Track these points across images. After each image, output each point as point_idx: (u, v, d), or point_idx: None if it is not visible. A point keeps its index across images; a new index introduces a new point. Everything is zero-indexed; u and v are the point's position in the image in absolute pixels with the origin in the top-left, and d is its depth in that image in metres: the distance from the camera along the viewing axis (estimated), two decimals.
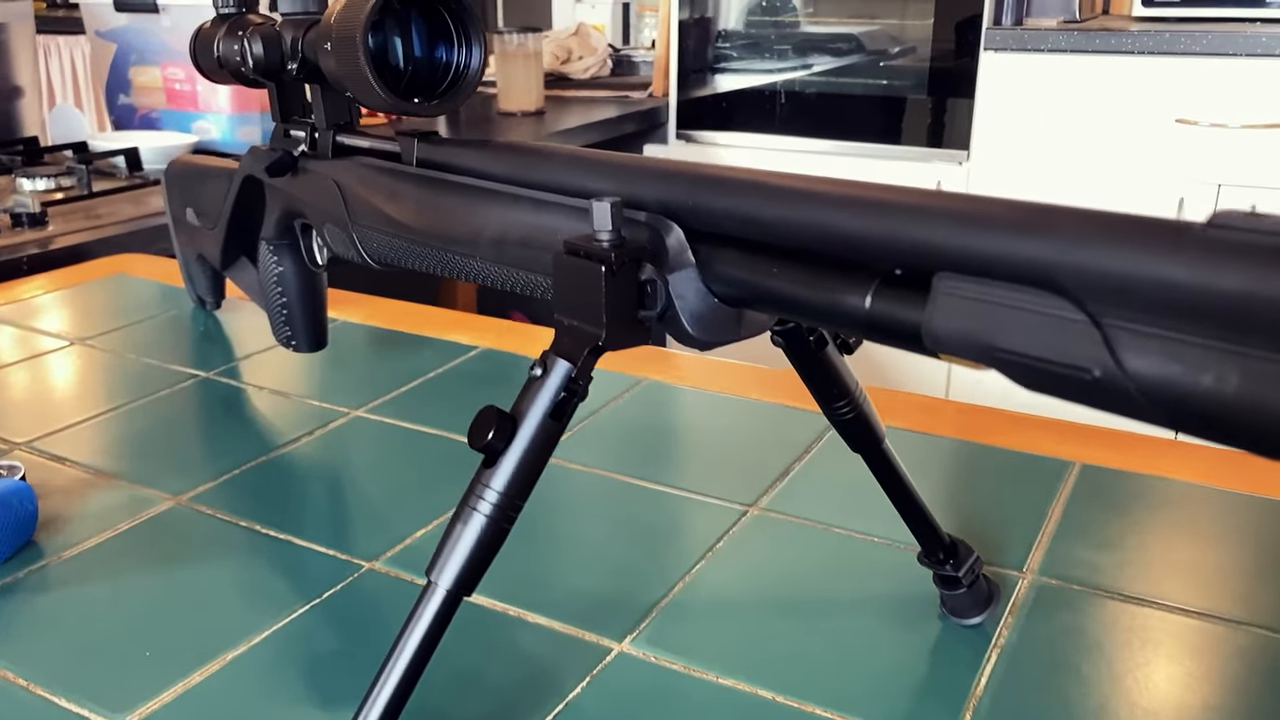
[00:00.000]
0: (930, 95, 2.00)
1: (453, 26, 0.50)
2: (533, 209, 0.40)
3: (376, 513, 0.61)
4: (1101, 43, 1.78)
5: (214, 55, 0.67)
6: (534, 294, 0.42)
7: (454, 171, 0.47)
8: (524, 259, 0.41)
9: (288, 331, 0.72)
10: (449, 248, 0.46)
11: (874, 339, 0.29)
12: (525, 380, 0.35)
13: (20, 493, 0.58)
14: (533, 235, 0.40)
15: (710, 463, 0.67)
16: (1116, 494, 0.62)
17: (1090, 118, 1.83)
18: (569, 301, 0.34)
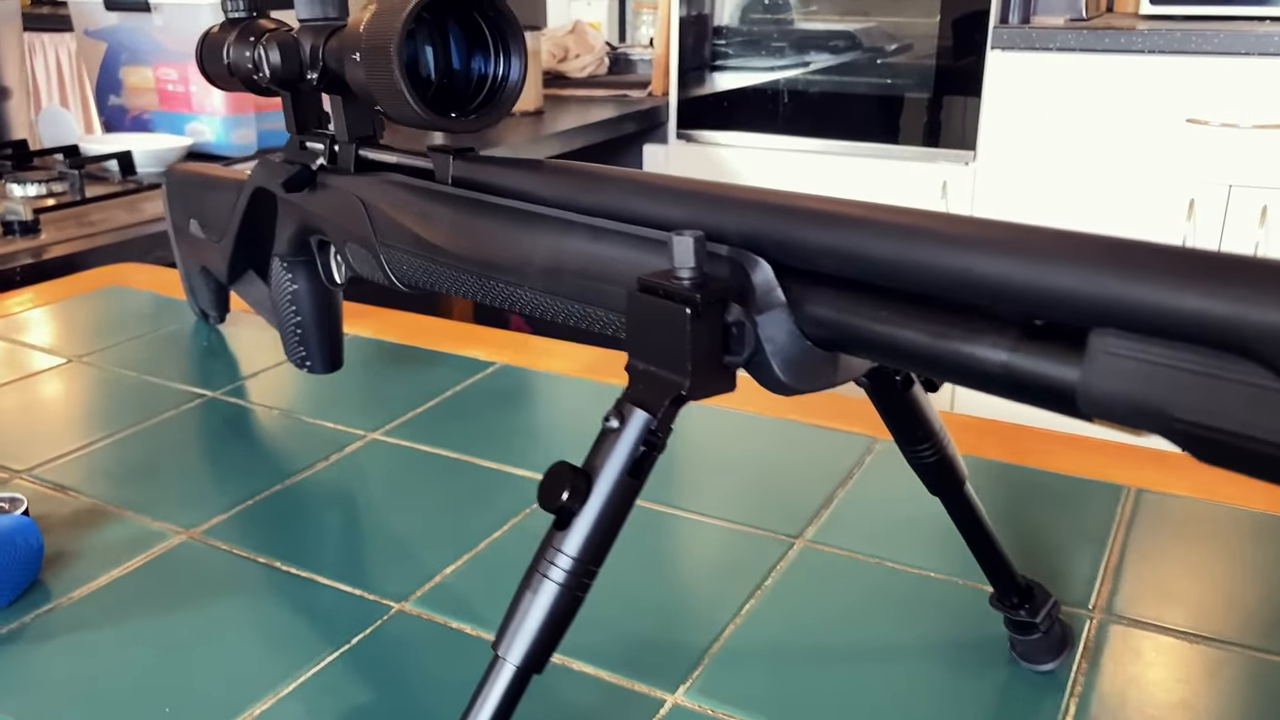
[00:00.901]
0: (936, 94, 1.97)
1: (489, 35, 0.47)
2: (591, 237, 0.37)
3: (402, 546, 0.58)
4: (1111, 41, 1.76)
5: (223, 62, 0.63)
6: (591, 327, 0.38)
7: (495, 192, 0.44)
8: (581, 290, 0.37)
9: (302, 352, 0.68)
10: (491, 274, 0.43)
11: (1008, 395, 0.26)
12: (599, 432, 0.32)
13: (24, 529, 0.55)
14: (592, 266, 0.37)
15: (750, 490, 0.64)
16: (1177, 521, 0.59)
17: (1099, 117, 1.80)
18: (645, 345, 0.31)
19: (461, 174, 0.46)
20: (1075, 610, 0.51)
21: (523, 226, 0.40)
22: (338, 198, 0.55)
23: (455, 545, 0.57)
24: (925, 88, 1.98)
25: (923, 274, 0.27)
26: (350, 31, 0.47)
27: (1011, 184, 1.90)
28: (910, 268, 0.27)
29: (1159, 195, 1.79)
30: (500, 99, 0.46)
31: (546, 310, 0.40)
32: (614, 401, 0.32)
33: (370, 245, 0.52)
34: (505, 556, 0.56)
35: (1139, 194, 1.80)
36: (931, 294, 0.27)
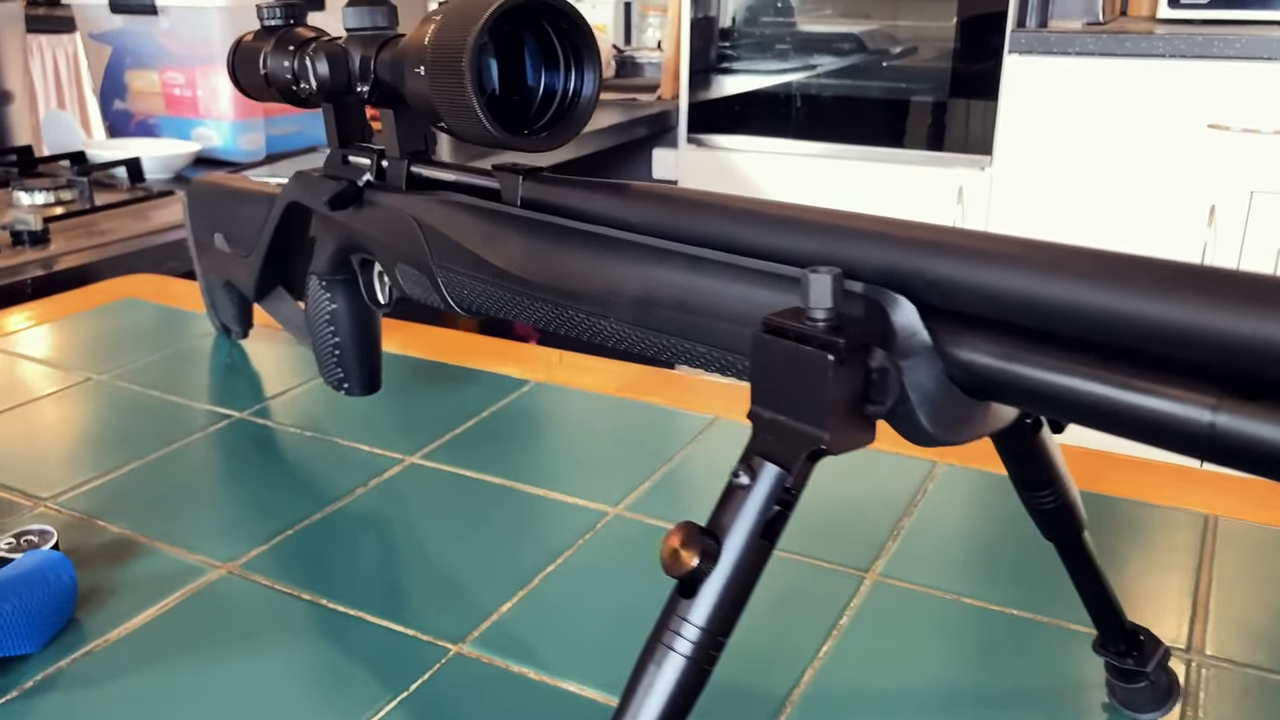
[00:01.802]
0: (952, 98, 1.95)
1: (560, 47, 0.44)
2: (693, 268, 0.34)
3: (453, 581, 0.55)
4: (1131, 46, 1.74)
5: (260, 71, 0.60)
6: (692, 364, 0.36)
7: (571, 216, 0.41)
8: (682, 325, 0.35)
9: (339, 373, 0.65)
10: (570, 304, 0.40)
11: (1210, 459, 0.23)
12: (725, 487, 0.29)
13: (56, 564, 0.52)
14: (697, 300, 0.34)
15: (813, 521, 0.61)
16: (1264, 552, 0.57)
17: (1118, 123, 1.78)
18: (774, 392, 0.29)
19: (532, 195, 0.44)
20: (1172, 650, 0.49)
21: (611, 255, 0.37)
22: (388, 216, 0.52)
23: (508, 580, 0.55)
24: (941, 92, 1.96)
25: (1103, 320, 0.25)
26: (412, 43, 0.44)
27: (1028, 190, 1.88)
28: (1091, 314, 0.25)
29: (1179, 202, 1.77)
30: (572, 116, 0.44)
31: (634, 343, 0.38)
32: (741, 453, 0.29)
33: (426, 267, 0.49)
34: (561, 593, 0.54)
35: (1159, 200, 1.78)
36: (1109, 341, 0.25)
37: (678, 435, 0.70)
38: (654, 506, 0.61)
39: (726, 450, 0.69)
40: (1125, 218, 1.80)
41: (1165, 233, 1.77)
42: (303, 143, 1.66)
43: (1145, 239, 1.77)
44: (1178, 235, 1.76)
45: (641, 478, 0.65)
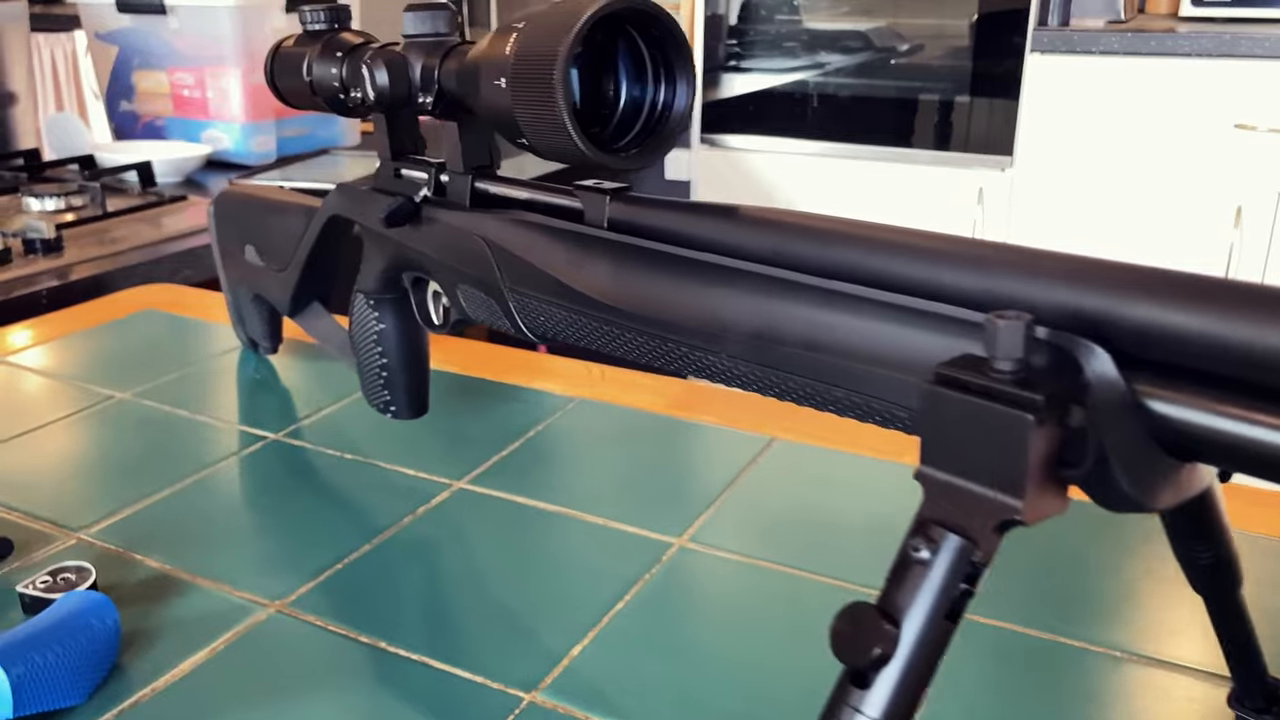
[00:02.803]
0: (972, 98, 1.92)
1: (649, 57, 0.41)
2: (826, 304, 0.31)
3: (518, 620, 0.52)
4: (1157, 44, 1.71)
5: (304, 78, 0.57)
6: (821, 406, 0.33)
7: (669, 240, 0.38)
8: (813, 366, 0.32)
9: (386, 396, 0.62)
10: (671, 336, 0.37)
11: None
12: (898, 559, 0.26)
13: (100, 607, 0.49)
14: (834, 340, 0.31)
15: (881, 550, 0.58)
16: None
17: (1142, 122, 1.76)
18: (952, 452, 0.26)
19: (621, 217, 0.40)
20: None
21: (724, 286, 0.34)
22: (450, 235, 0.49)
23: (576, 619, 0.52)
24: (960, 91, 1.93)
25: None
26: (489, 54, 0.41)
27: (1050, 191, 1.85)
28: None
29: (1205, 203, 1.75)
30: (664, 131, 0.41)
31: (749, 381, 0.35)
32: (914, 523, 0.26)
33: (496, 291, 0.46)
34: (634, 633, 0.51)
35: (1184, 201, 1.75)
36: None
37: (734, 457, 0.67)
38: (721, 537, 0.58)
39: (787, 475, 0.66)
40: (1149, 219, 1.78)
41: (1191, 235, 1.75)
42: (314, 145, 1.63)
43: (1170, 241, 1.74)
44: (1203, 237, 1.73)
45: (703, 504, 0.62)
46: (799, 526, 0.60)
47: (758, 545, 0.57)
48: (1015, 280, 0.28)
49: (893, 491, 0.64)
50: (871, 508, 0.63)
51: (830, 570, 0.55)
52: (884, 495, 0.64)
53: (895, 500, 0.63)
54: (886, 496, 0.64)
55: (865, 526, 0.60)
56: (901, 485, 0.65)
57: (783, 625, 0.51)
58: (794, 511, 0.62)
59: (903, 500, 0.63)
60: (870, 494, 0.64)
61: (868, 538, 0.59)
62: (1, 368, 0.83)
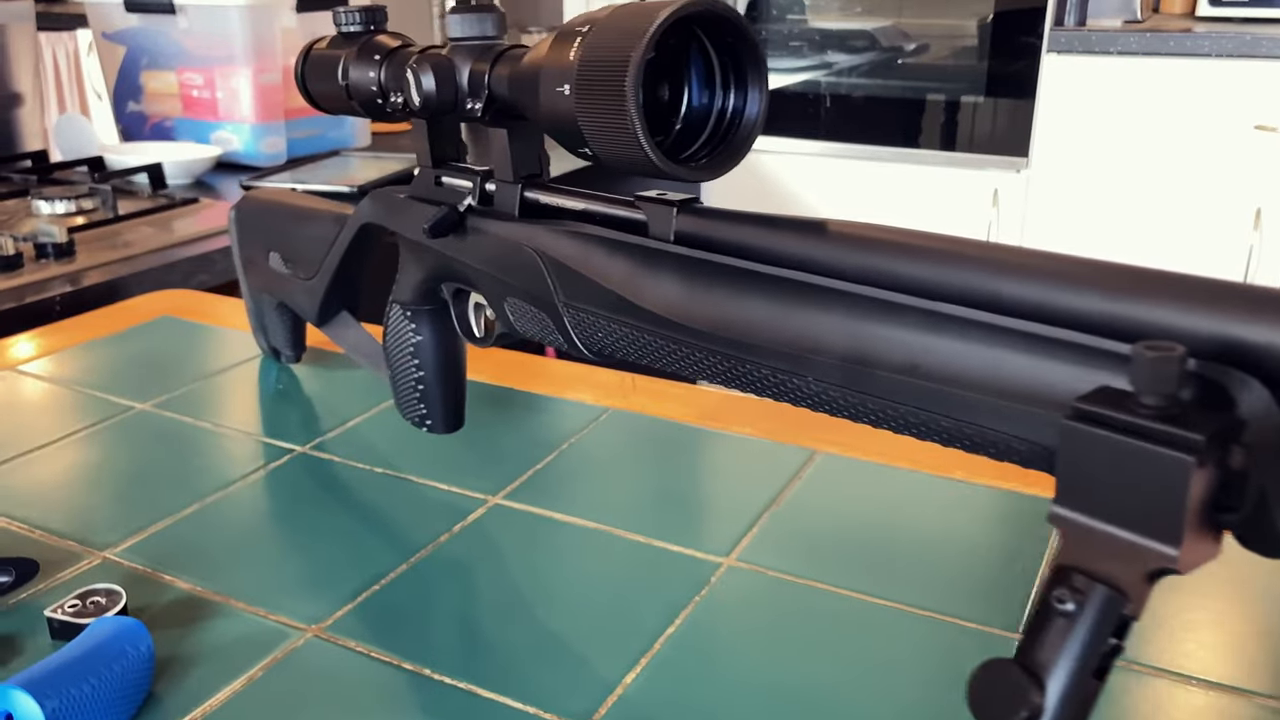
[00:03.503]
0: (987, 98, 1.90)
1: (718, 63, 0.39)
2: (930, 327, 0.29)
3: (566, 647, 0.50)
4: (1176, 44, 1.69)
5: (338, 81, 0.55)
6: (924, 435, 0.31)
7: (745, 255, 0.36)
8: (917, 393, 0.30)
9: (421, 409, 0.60)
10: (749, 357, 0.35)
11: None
12: (1039, 610, 0.24)
13: (133, 634, 0.47)
14: (939, 366, 0.29)
15: (938, 570, 0.57)
16: None
17: (1160, 123, 1.74)
18: (1099, 495, 0.24)
19: (690, 230, 0.39)
20: None
21: (813, 306, 0.32)
22: (498, 246, 0.47)
23: (627, 644, 0.50)
24: (975, 91, 1.91)
25: None
26: (549, 59, 0.39)
27: (1066, 192, 1.83)
28: None
29: (1223, 204, 1.73)
30: (735, 140, 0.39)
31: (837, 406, 0.33)
32: (1053, 570, 0.24)
33: (549, 305, 0.44)
34: (688, 660, 0.49)
35: (1202, 203, 1.74)
36: None
37: (776, 472, 0.65)
38: (770, 556, 0.56)
39: (834, 491, 0.64)
40: (1167, 222, 1.76)
41: (1209, 237, 1.73)
42: (324, 146, 1.61)
43: (1188, 244, 1.73)
44: (1222, 239, 1.71)
45: (748, 521, 0.60)
46: (850, 545, 0.58)
47: (808, 565, 0.56)
48: (1147, 305, 0.26)
49: (942, 508, 0.62)
50: (923, 525, 0.61)
51: (885, 592, 0.53)
52: (934, 511, 0.62)
53: (946, 517, 0.61)
54: (937, 513, 0.62)
55: (918, 545, 0.58)
56: (949, 500, 0.64)
57: (844, 652, 0.49)
58: (843, 529, 0.60)
59: (952, 517, 0.61)
60: (921, 510, 0.62)
61: (923, 557, 0.57)
62: (16, 377, 0.81)
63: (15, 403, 0.78)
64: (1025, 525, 0.59)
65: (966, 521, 0.61)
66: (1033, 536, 0.58)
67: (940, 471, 0.65)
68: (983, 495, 0.63)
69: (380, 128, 1.84)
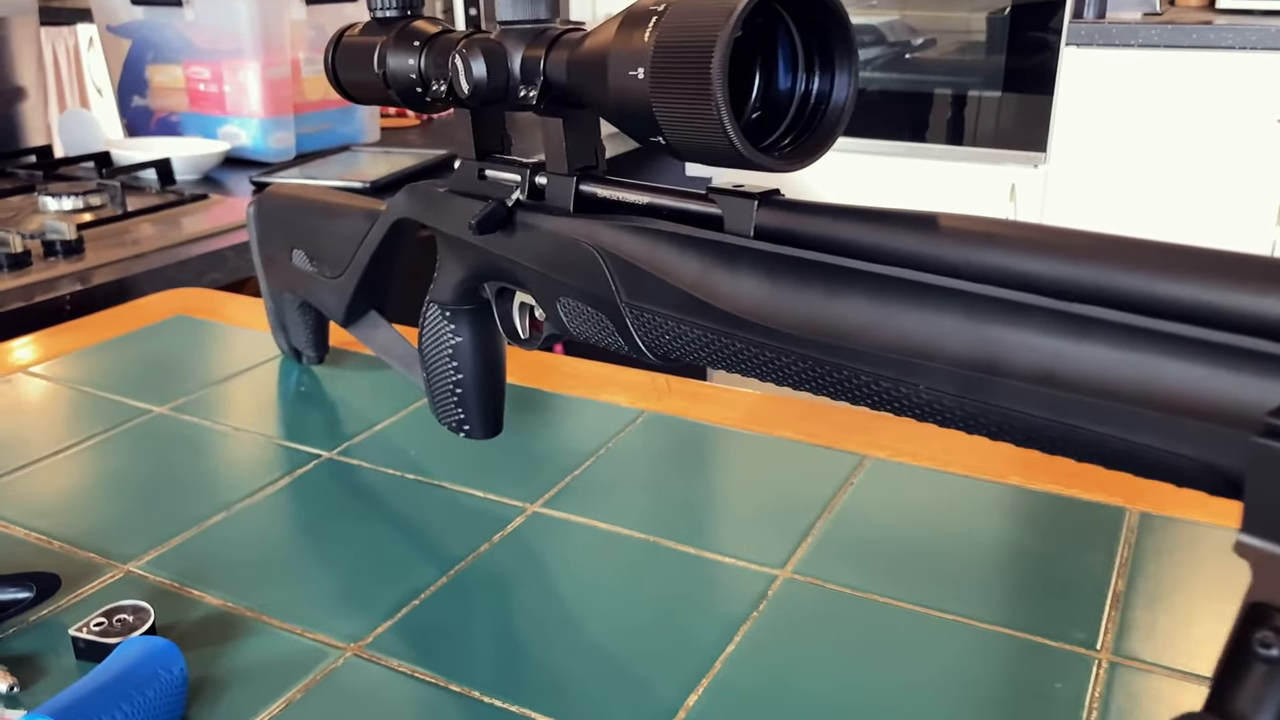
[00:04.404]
0: (1004, 93, 1.87)
1: (800, 43, 0.36)
2: (1073, 331, 0.27)
3: (623, 667, 0.47)
4: (1198, 37, 1.67)
5: (374, 70, 0.52)
6: (1054, 450, 0.28)
7: (837, 251, 0.33)
8: (1050, 405, 0.27)
9: (459, 414, 0.58)
10: (850, 364, 0.32)
11: None
12: (1232, 652, 0.22)
13: (165, 655, 0.44)
14: (1084, 377, 0.26)
15: (1000, 582, 0.54)
16: None
17: (1181, 117, 1.71)
18: None
19: (773, 224, 0.36)
20: None
21: (928, 309, 0.30)
22: (551, 243, 0.45)
23: (685, 664, 0.47)
24: (992, 85, 1.88)
25: None
26: (619, 41, 0.36)
27: (1085, 188, 1.81)
28: None
29: (1246, 199, 1.70)
30: (822, 126, 0.36)
31: (951, 417, 0.30)
32: (1246, 609, 0.22)
33: (609, 306, 0.42)
34: (750, 681, 0.46)
35: (1224, 197, 1.71)
36: None
37: (827, 478, 0.63)
38: (826, 568, 0.54)
39: (886, 497, 0.61)
40: (1188, 217, 1.74)
41: (1231, 233, 1.71)
42: (333, 141, 1.58)
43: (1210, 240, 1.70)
44: (1245, 235, 1.69)
45: (801, 531, 0.57)
46: (909, 555, 0.55)
47: (868, 577, 0.53)
48: None
49: (1002, 515, 0.60)
50: (983, 533, 0.58)
51: (950, 605, 0.51)
52: (994, 519, 0.59)
53: (1006, 525, 0.59)
54: (997, 520, 0.59)
55: (979, 555, 0.56)
56: (1007, 506, 0.61)
57: (914, 671, 0.47)
58: (900, 538, 0.57)
59: (1013, 524, 0.58)
60: (979, 517, 0.59)
61: (985, 568, 0.55)
62: (28, 380, 0.78)
63: (28, 406, 0.75)
64: (1091, 533, 0.57)
65: (1028, 529, 0.58)
66: (1100, 546, 0.55)
67: (996, 476, 0.62)
68: (1042, 501, 0.60)
69: (389, 123, 1.81)
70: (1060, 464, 0.64)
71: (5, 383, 0.78)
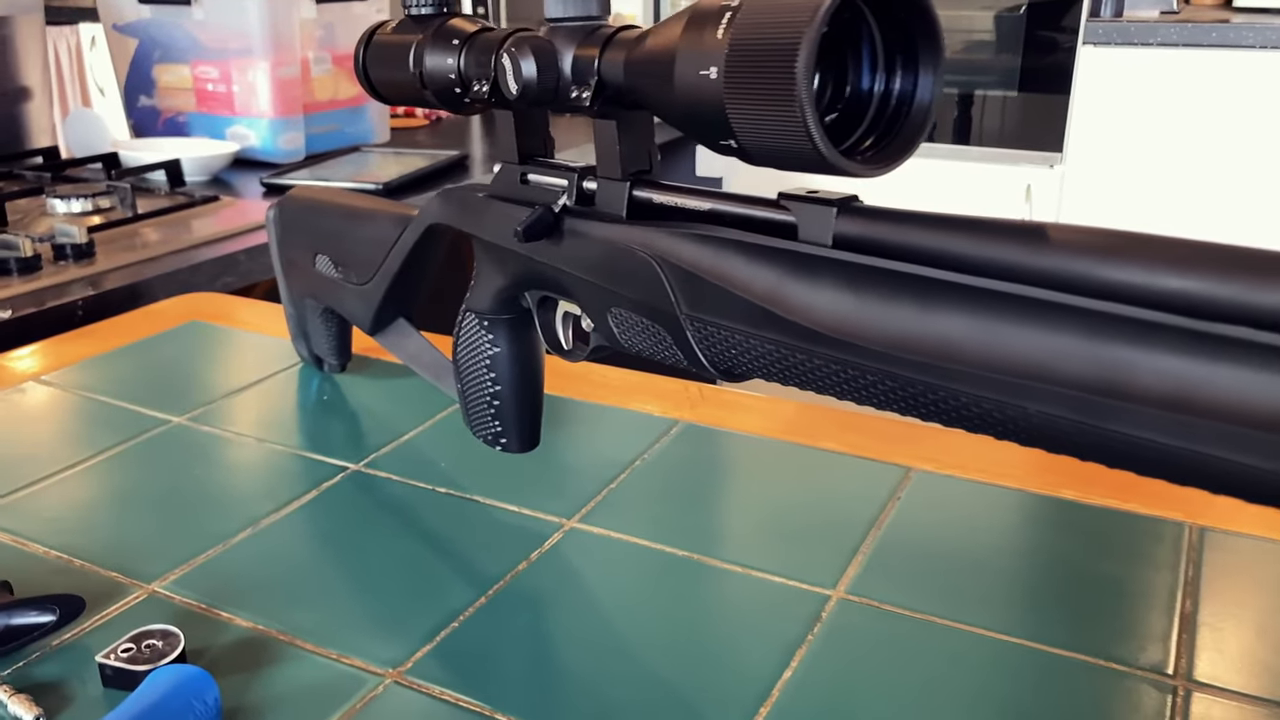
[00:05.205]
0: (1020, 92, 1.85)
1: (880, 40, 0.34)
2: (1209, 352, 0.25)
3: (674, 691, 0.45)
4: (1219, 36, 1.65)
5: (409, 69, 0.50)
6: (1184, 481, 0.26)
7: (925, 262, 0.31)
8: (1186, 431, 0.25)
9: (496, 427, 0.55)
10: (946, 385, 0.30)
11: None
12: None
13: (198, 685, 0.42)
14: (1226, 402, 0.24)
15: (1072, 602, 0.52)
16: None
17: (1201, 117, 1.69)
18: None
19: (855, 233, 0.34)
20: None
21: (1045, 327, 0.27)
22: (603, 251, 0.42)
23: (743, 691, 0.45)
24: (1008, 85, 1.86)
25: None
26: (687, 39, 0.34)
27: (1102, 188, 1.79)
28: None
29: (1268, 201, 1.68)
30: (905, 128, 0.34)
31: (1066, 443, 0.28)
32: None
33: (667, 318, 0.39)
34: (811, 710, 0.44)
35: (1245, 199, 1.69)
36: None
37: (872, 491, 0.61)
38: (880, 587, 0.52)
39: (936, 512, 0.59)
40: (1206, 219, 1.72)
41: (1251, 235, 1.68)
42: (342, 142, 1.56)
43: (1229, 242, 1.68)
44: (1265, 238, 1.67)
45: (851, 548, 0.55)
46: (964, 573, 0.53)
47: (924, 597, 0.51)
48: None
49: (1057, 530, 0.57)
50: (1038, 550, 0.56)
51: (1012, 628, 0.49)
52: (1048, 535, 0.57)
53: (1062, 541, 0.56)
54: (1052, 536, 0.57)
55: (1038, 573, 0.54)
56: (1062, 522, 0.59)
57: (980, 698, 0.44)
58: (954, 555, 0.55)
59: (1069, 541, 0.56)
60: (1033, 533, 0.57)
61: (1045, 587, 0.53)
62: (40, 389, 0.76)
63: (42, 417, 0.73)
64: (1151, 550, 0.55)
65: (1085, 546, 0.56)
66: (1162, 563, 0.53)
67: (1048, 489, 0.60)
68: (1099, 517, 0.58)
69: (398, 123, 1.79)
70: (1114, 477, 0.62)
71: (18, 392, 0.75)
